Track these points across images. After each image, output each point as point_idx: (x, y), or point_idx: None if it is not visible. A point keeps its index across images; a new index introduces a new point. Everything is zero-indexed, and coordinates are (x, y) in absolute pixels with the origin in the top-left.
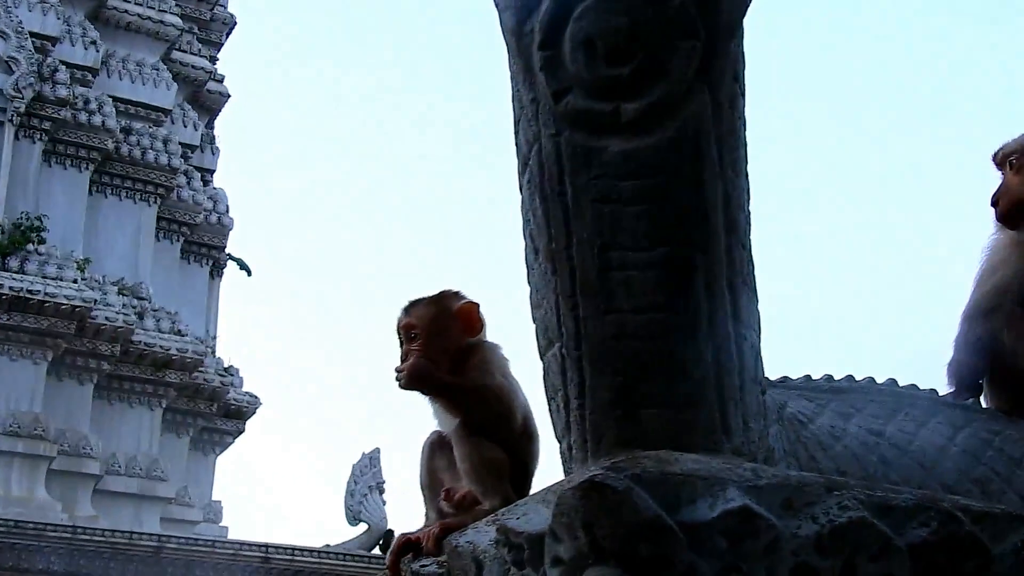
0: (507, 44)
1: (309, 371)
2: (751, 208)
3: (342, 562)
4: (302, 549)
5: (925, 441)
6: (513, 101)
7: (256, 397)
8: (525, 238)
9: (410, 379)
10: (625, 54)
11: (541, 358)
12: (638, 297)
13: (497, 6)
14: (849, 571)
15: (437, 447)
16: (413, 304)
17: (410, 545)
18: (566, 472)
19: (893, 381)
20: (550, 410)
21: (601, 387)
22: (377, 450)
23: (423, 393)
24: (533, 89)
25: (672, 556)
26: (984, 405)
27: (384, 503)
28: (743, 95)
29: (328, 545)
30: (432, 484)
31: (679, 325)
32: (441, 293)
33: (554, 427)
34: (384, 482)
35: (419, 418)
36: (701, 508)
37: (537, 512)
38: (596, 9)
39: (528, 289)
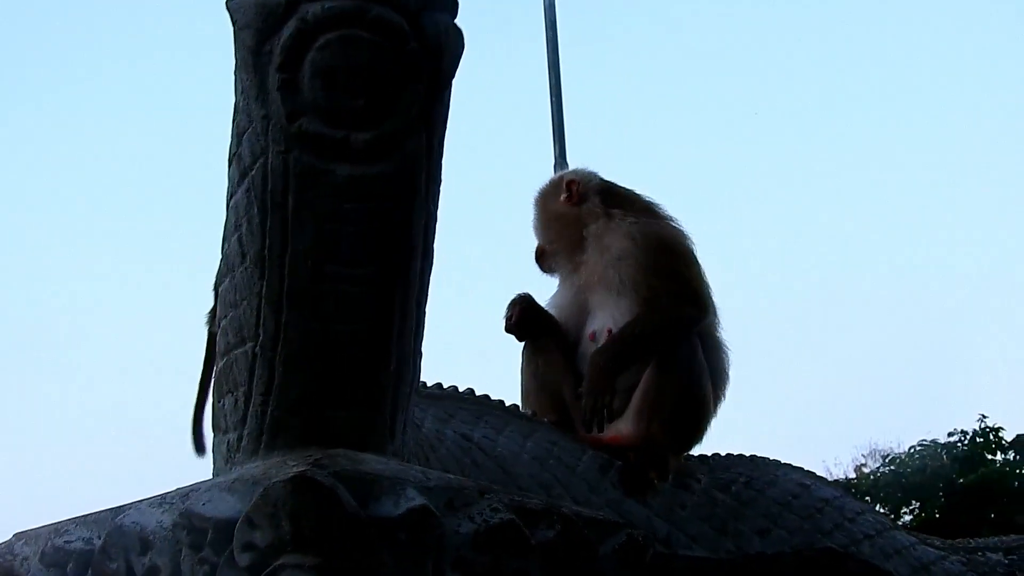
0: (241, 60)
1: None
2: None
3: None
4: None
5: (504, 447)
6: (239, 113)
7: None
8: (229, 241)
9: None
10: (361, 88)
11: (225, 354)
12: (346, 309)
13: (235, 23)
14: (496, 566)
15: None
16: None
17: None
18: (226, 461)
19: (471, 391)
20: (221, 404)
21: (291, 386)
22: None
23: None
24: (265, 106)
25: (365, 547)
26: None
27: None
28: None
29: None
30: None
31: (375, 337)
32: None
33: (220, 419)
34: None
35: None
36: (386, 505)
37: (223, 500)
38: (340, 42)
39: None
